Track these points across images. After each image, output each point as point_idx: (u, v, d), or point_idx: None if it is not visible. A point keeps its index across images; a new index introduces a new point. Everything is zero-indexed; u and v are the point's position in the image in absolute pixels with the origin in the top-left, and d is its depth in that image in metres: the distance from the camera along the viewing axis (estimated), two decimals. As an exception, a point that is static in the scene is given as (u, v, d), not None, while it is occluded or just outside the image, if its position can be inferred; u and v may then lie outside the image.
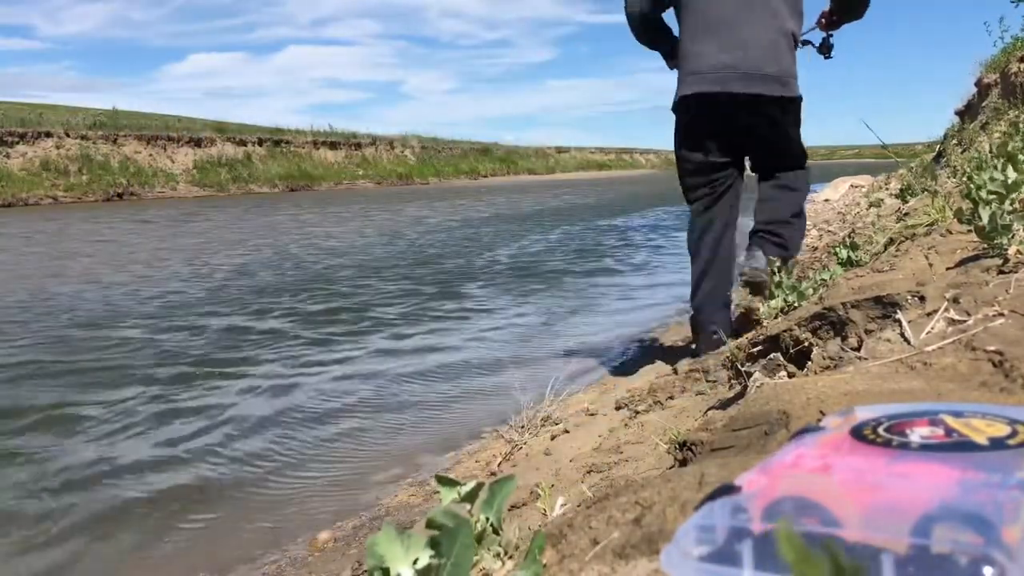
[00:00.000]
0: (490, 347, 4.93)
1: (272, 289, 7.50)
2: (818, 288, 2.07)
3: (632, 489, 0.71)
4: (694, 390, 2.54)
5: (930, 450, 0.45)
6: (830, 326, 1.55)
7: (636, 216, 16.86)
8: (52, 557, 2.43)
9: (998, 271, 1.30)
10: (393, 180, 43.00)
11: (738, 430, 0.91)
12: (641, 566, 0.60)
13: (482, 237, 12.66)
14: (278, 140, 40.29)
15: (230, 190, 33.66)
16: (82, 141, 31.28)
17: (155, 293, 7.31)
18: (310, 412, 3.75)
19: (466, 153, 53.91)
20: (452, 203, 23.53)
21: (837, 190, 12.20)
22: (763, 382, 1.56)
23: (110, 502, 2.79)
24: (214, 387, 4.16)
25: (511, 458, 2.72)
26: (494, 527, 0.70)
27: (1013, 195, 1.47)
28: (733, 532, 0.40)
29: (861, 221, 6.22)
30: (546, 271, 8.43)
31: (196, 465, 3.11)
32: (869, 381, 0.90)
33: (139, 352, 4.94)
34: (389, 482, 2.91)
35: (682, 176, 3.30)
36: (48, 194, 27.48)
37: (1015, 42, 8.10)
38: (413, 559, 0.60)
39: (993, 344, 0.94)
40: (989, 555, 0.34)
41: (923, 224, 2.53)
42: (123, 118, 35.99)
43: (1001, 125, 6.00)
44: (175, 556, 2.43)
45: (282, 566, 2.33)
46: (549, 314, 6.00)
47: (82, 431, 3.49)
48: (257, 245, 11.92)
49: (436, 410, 3.74)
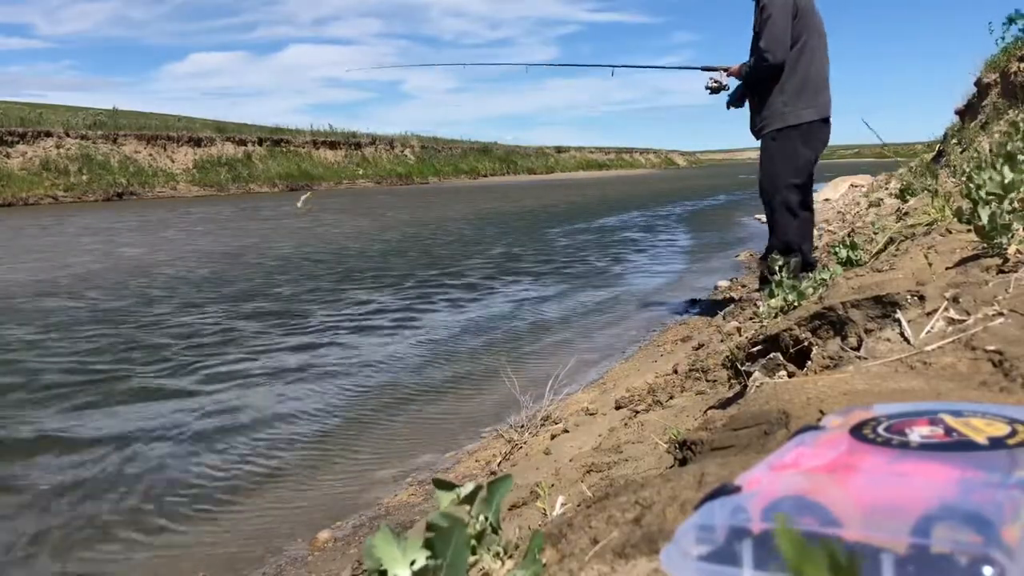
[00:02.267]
0: (488, 345, 4.93)
1: (268, 287, 7.50)
2: (818, 288, 2.07)
3: (632, 489, 0.71)
4: (694, 390, 2.54)
5: (930, 449, 0.45)
6: (830, 326, 1.55)
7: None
8: (52, 556, 2.43)
9: (998, 271, 1.30)
10: (393, 180, 43.01)
11: (738, 429, 0.91)
12: (641, 565, 0.60)
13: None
14: (278, 140, 40.31)
15: (230, 189, 33.67)
16: (82, 141, 31.30)
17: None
18: (310, 411, 3.75)
19: (466, 153, 53.92)
20: (474, 204, 23.52)
21: (837, 189, 12.20)
22: (763, 382, 1.56)
23: (110, 502, 2.79)
24: (213, 386, 4.16)
25: (511, 457, 2.72)
26: (493, 527, 0.70)
27: (1012, 195, 1.47)
28: (733, 532, 0.40)
29: (861, 220, 6.22)
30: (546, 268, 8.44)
31: (196, 465, 3.11)
32: (869, 381, 0.90)
33: (143, 349, 4.94)
34: (389, 481, 2.91)
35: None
36: (48, 194, 27.49)
37: (1015, 42, 8.10)
38: (410, 560, 0.60)
39: (993, 344, 0.94)
40: (989, 555, 0.34)
41: (923, 224, 2.53)
42: (123, 118, 36.00)
43: (1001, 125, 6.00)
44: (175, 556, 2.43)
45: (282, 566, 2.33)
46: (549, 313, 6.00)
47: (83, 431, 3.50)
48: (253, 245, 11.93)
49: (435, 410, 3.74)
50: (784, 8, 3.81)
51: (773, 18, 3.81)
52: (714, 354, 2.71)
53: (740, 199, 20.90)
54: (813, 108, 3.90)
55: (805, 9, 3.88)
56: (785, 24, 3.81)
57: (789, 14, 3.81)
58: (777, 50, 3.82)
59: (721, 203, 21.04)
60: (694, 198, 23.51)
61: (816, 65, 3.91)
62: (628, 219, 15.99)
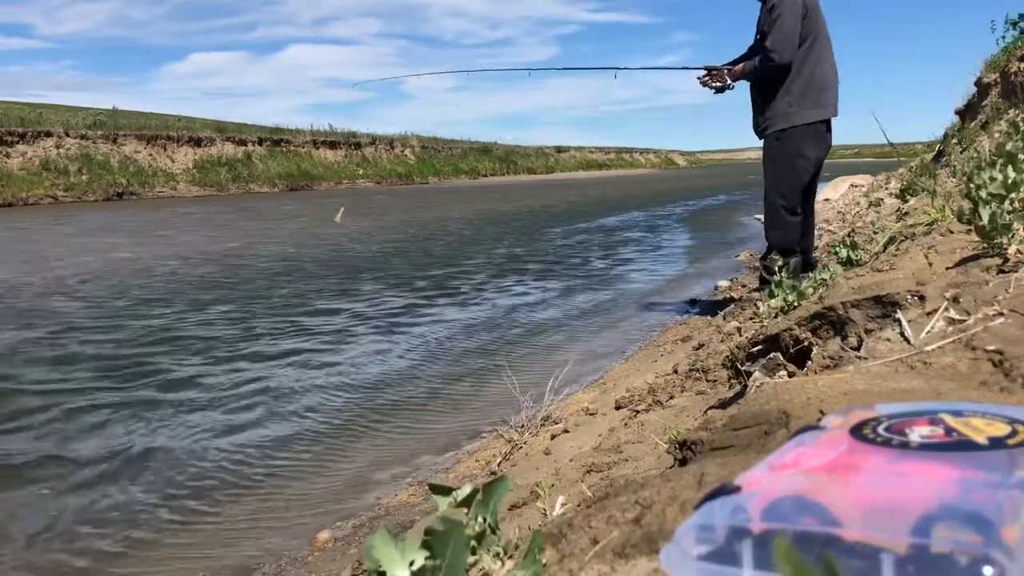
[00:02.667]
0: (489, 346, 4.93)
1: (268, 288, 7.50)
2: (818, 287, 2.07)
3: (632, 488, 0.71)
4: (694, 390, 2.54)
5: (930, 449, 0.45)
6: (830, 325, 1.55)
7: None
8: (51, 555, 2.43)
9: (998, 271, 1.30)
10: (393, 180, 42.98)
11: (738, 429, 0.91)
12: (641, 565, 0.60)
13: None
14: (278, 140, 40.27)
15: (230, 189, 33.66)
16: (82, 141, 31.27)
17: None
18: (309, 411, 3.75)
19: (466, 153, 53.91)
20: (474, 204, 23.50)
21: (837, 189, 12.19)
22: (763, 381, 1.56)
23: (110, 502, 2.79)
24: (213, 386, 4.16)
25: (511, 457, 2.72)
26: (491, 527, 0.70)
27: (1013, 195, 1.47)
28: (733, 531, 0.40)
29: (861, 220, 6.22)
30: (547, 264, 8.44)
31: (196, 466, 3.11)
32: (869, 380, 0.90)
33: (143, 346, 4.94)
34: (389, 482, 2.91)
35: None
36: (48, 194, 27.48)
37: (1015, 42, 8.10)
38: (409, 561, 0.60)
39: (993, 344, 0.94)
40: (989, 555, 0.34)
41: (923, 224, 2.53)
42: (123, 117, 35.97)
43: (1001, 125, 6.00)
44: (175, 556, 2.43)
45: (282, 566, 2.33)
46: (549, 313, 6.00)
47: (83, 431, 3.50)
48: (242, 240, 11.92)
49: (435, 409, 3.74)
50: (793, 7, 3.80)
51: (783, 17, 3.80)
52: (714, 354, 2.71)
53: (740, 199, 20.90)
54: (818, 109, 3.91)
55: (813, 9, 3.88)
56: (794, 24, 3.80)
57: (799, 14, 3.81)
58: (784, 50, 3.82)
59: (721, 203, 21.04)
60: (694, 198, 23.51)
61: (823, 66, 3.91)
62: (628, 219, 15.99)
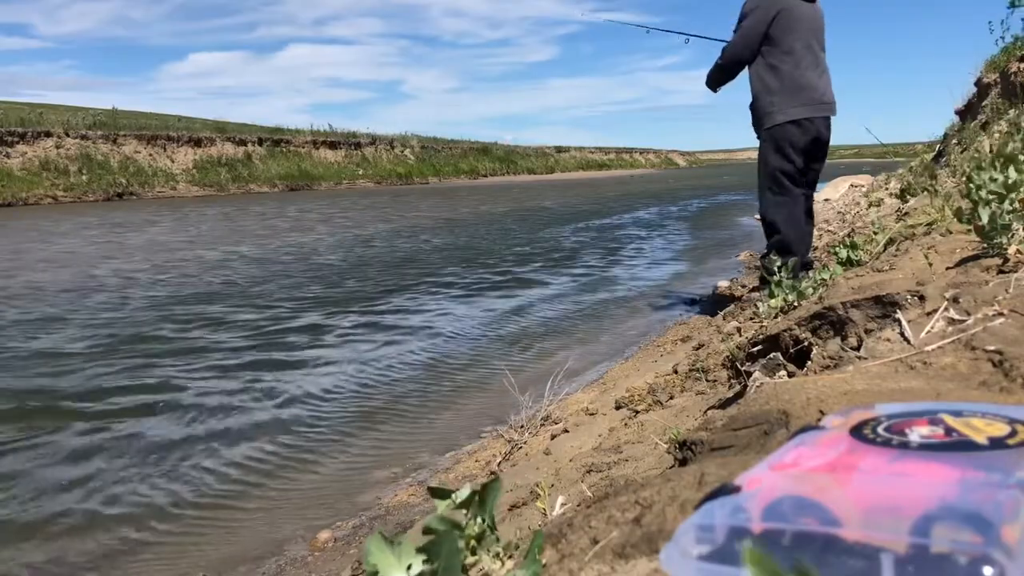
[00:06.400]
0: (489, 346, 4.93)
1: (268, 288, 7.51)
2: (818, 288, 2.07)
3: (632, 488, 0.71)
4: (694, 390, 2.54)
5: (930, 449, 0.45)
6: (830, 326, 1.55)
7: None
8: (52, 555, 2.43)
9: (998, 271, 1.30)
10: (393, 180, 42.97)
11: (738, 429, 0.91)
12: (641, 565, 0.60)
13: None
14: (278, 140, 40.27)
15: (230, 190, 33.66)
16: (82, 141, 31.27)
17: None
18: (309, 412, 3.75)
19: (466, 153, 53.90)
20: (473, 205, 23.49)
21: (837, 189, 12.19)
22: (763, 382, 1.56)
23: (111, 502, 2.79)
24: (212, 386, 4.16)
25: (511, 457, 2.72)
26: (490, 527, 0.70)
27: (1013, 195, 1.47)
28: (733, 531, 0.40)
29: (861, 221, 6.22)
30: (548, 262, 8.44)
31: (195, 465, 3.11)
32: (869, 381, 0.90)
33: (143, 350, 4.95)
34: (389, 482, 2.91)
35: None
36: (48, 194, 27.47)
37: (1015, 42, 8.09)
38: (407, 565, 0.61)
39: (993, 344, 0.94)
40: (988, 554, 0.34)
41: (923, 224, 2.53)
42: (123, 118, 35.97)
43: (1001, 125, 6.00)
44: (175, 555, 2.43)
45: (282, 566, 2.33)
46: (548, 313, 6.01)
47: (81, 430, 3.50)
48: (249, 241, 11.92)
49: (435, 409, 3.74)
50: (757, 18, 4.14)
51: (743, 27, 4.19)
52: (714, 354, 2.71)
53: (740, 199, 20.90)
54: (802, 107, 4.11)
55: (790, 14, 4.11)
56: (751, 34, 4.15)
57: (763, 22, 4.12)
58: (736, 46, 4.24)
59: (721, 203, 21.04)
60: (694, 198, 23.51)
61: (802, 67, 4.13)
62: (628, 219, 15.99)
